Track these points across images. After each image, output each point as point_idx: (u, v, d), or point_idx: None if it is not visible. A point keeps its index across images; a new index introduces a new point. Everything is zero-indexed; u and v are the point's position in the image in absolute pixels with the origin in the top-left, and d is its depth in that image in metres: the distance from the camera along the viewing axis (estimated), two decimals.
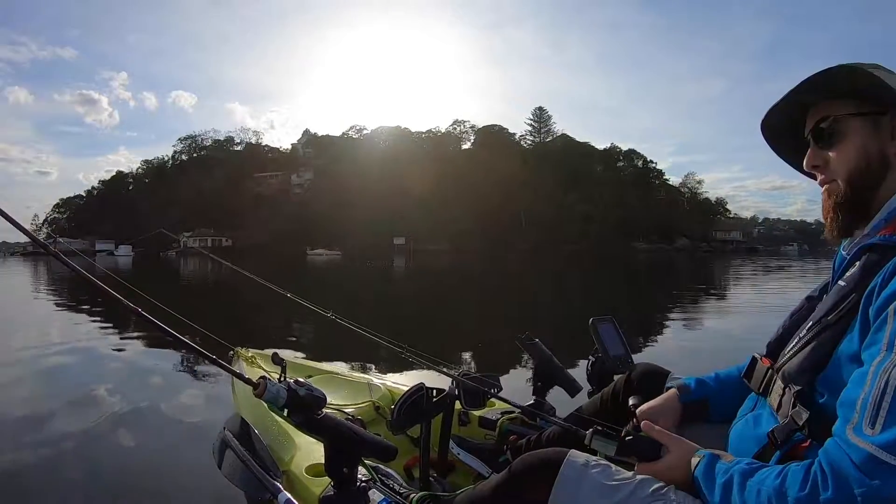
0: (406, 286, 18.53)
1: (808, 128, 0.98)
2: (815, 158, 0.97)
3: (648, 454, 1.02)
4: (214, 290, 17.09)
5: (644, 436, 1.05)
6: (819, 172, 0.98)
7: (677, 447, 1.00)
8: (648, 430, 1.05)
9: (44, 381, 4.29)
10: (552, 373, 1.98)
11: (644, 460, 1.02)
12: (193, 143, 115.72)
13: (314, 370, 2.53)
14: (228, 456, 1.49)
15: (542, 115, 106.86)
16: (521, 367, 4.50)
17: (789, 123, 1.03)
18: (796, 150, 1.05)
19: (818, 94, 0.96)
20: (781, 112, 1.02)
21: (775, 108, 1.01)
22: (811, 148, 0.98)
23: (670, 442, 1.01)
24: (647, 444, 1.03)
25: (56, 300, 12.10)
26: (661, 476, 0.97)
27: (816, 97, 0.96)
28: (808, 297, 1.08)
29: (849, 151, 0.92)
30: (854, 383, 0.76)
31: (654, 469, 0.99)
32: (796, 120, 1.01)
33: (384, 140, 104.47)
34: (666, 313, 9.32)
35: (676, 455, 0.99)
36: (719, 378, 1.25)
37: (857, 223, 0.94)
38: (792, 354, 0.94)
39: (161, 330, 1.24)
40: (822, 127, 0.95)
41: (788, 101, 0.99)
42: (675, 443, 1.01)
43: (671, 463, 0.98)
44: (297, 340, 6.67)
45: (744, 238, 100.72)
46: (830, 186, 0.95)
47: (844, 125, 0.92)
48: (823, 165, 0.96)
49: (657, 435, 1.03)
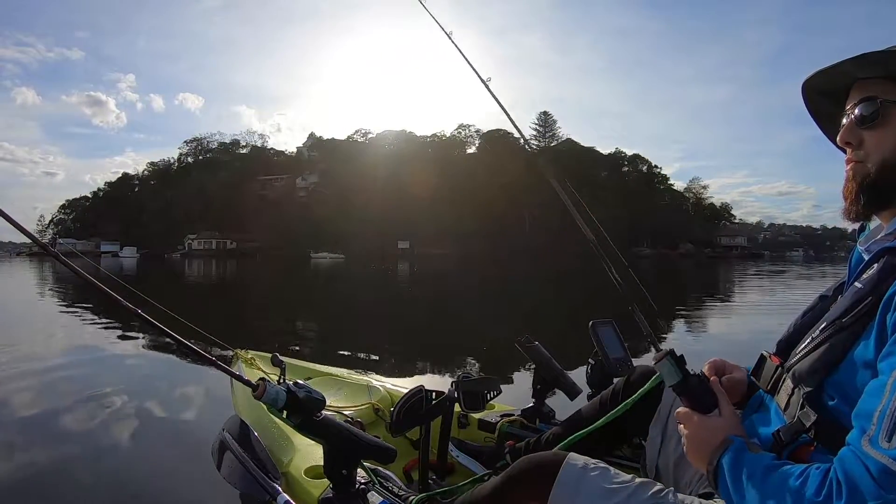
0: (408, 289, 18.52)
1: (850, 101, 0.95)
2: (850, 135, 0.93)
3: (704, 404, 0.97)
4: (216, 292, 17.14)
5: (710, 386, 1.00)
6: (850, 149, 0.95)
7: (731, 416, 0.96)
8: (714, 385, 1.00)
9: (44, 381, 4.30)
10: (552, 375, 1.97)
11: (695, 407, 0.98)
12: (199, 145, 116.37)
13: (314, 372, 2.53)
14: (227, 457, 1.50)
15: (546, 120, 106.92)
16: (520, 369, 4.49)
17: (832, 89, 1.00)
18: (831, 117, 1.02)
19: (870, 71, 0.92)
20: (827, 75, 0.98)
21: (822, 71, 0.98)
22: (848, 123, 0.94)
23: (726, 408, 0.97)
24: (710, 394, 0.98)
25: (59, 301, 12.15)
26: (699, 430, 0.94)
27: (867, 73, 0.93)
28: (821, 296, 1.06)
29: (887, 137, 0.89)
30: (871, 394, 0.75)
31: (698, 420, 0.95)
32: (839, 88, 0.98)
33: (389, 144, 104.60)
34: (668, 317, 9.30)
35: (726, 421, 0.95)
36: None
37: (877, 210, 0.92)
38: (803, 354, 0.92)
39: (161, 331, 1.25)
40: (864, 106, 0.91)
41: (839, 70, 0.95)
42: (729, 411, 0.97)
43: (718, 424, 0.94)
44: (297, 342, 6.68)
45: (749, 243, 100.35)
46: (857, 166, 0.93)
47: (888, 110, 0.89)
48: (857, 144, 0.93)
49: (719, 394, 0.99)
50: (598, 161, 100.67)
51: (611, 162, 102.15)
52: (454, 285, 20.37)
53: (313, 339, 7.28)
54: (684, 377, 0.99)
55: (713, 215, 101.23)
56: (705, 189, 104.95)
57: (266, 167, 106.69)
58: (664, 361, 1.00)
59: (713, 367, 1.17)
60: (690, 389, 0.99)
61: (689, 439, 0.96)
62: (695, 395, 0.98)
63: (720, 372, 1.16)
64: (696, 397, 0.98)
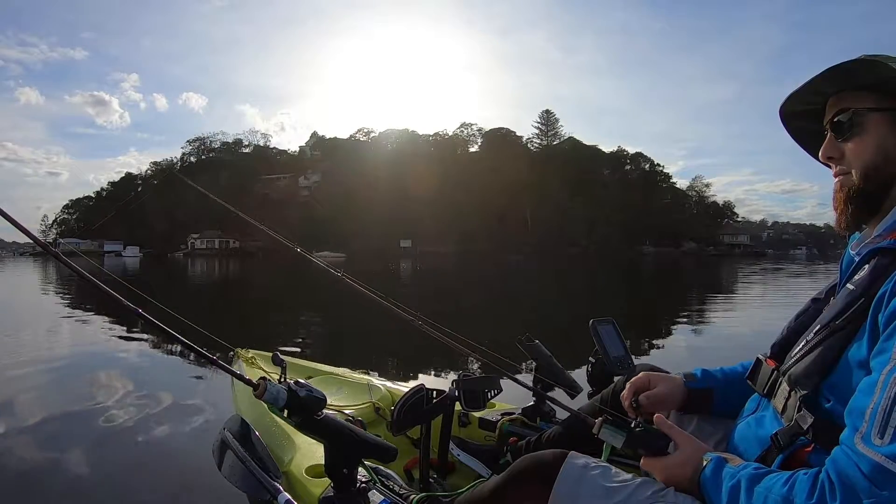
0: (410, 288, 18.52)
1: (827, 117, 0.97)
2: (831, 149, 0.95)
3: (657, 449, 0.99)
4: (218, 291, 17.17)
5: (654, 429, 1.02)
6: (834, 164, 0.96)
7: (687, 445, 0.98)
8: (660, 424, 1.02)
9: (44, 381, 4.32)
10: (552, 374, 1.97)
11: (652, 455, 0.99)
12: (202, 145, 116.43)
13: (314, 371, 2.54)
14: (228, 456, 1.49)
15: (549, 118, 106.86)
16: (521, 368, 4.49)
17: (808, 109, 1.02)
18: (814, 136, 1.03)
19: (839, 84, 0.94)
20: (800, 99, 1.00)
21: (795, 94, 1.00)
22: (828, 138, 0.96)
23: (680, 439, 0.99)
24: (657, 437, 1.00)
25: (60, 300, 12.19)
26: (667, 472, 0.95)
27: (837, 88, 0.95)
28: (813, 298, 1.07)
29: (866, 145, 0.90)
30: (863, 392, 0.75)
31: (661, 465, 0.97)
32: (816, 106, 1.00)
33: (392, 143, 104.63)
34: (669, 315, 9.29)
35: (685, 453, 0.96)
36: (724, 372, 1.25)
37: (867, 218, 0.93)
38: (799, 358, 0.93)
39: (161, 330, 1.25)
40: (840, 118, 0.93)
41: (808, 89, 0.97)
42: (685, 440, 0.99)
43: (679, 460, 0.96)
44: (297, 341, 6.69)
45: (752, 242, 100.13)
46: (843, 178, 0.94)
47: (863, 119, 0.90)
48: (839, 157, 0.95)
49: (668, 430, 1.00)
50: (601, 159, 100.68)
51: (613, 160, 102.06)
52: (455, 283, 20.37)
53: (313, 338, 7.29)
54: (627, 434, 1.01)
55: (716, 213, 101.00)
56: (708, 187, 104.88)
57: (269, 166, 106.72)
58: (603, 430, 1.03)
59: (633, 387, 1.23)
60: (638, 442, 1.01)
61: (665, 481, 0.96)
62: (647, 444, 1.00)
63: (641, 389, 1.22)
64: (648, 446, 1.00)
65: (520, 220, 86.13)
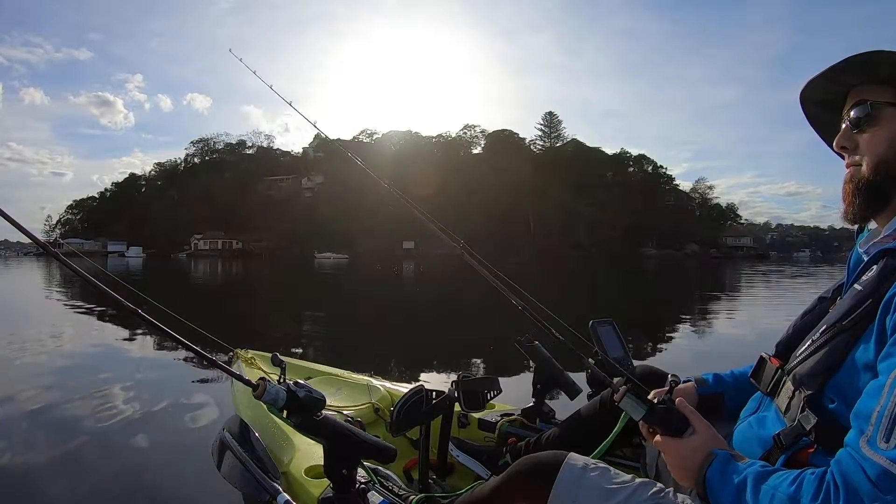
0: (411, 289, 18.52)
1: (846, 107, 0.97)
2: (846, 140, 0.96)
3: (676, 429, 0.97)
4: (220, 292, 17.19)
5: (677, 410, 0.99)
6: (847, 154, 0.96)
7: (705, 431, 0.96)
8: (682, 408, 1.00)
9: (44, 381, 4.32)
10: (552, 375, 1.97)
11: (668, 434, 0.97)
12: (206, 146, 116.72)
13: (314, 371, 2.54)
14: (228, 457, 1.50)
15: (552, 120, 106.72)
16: (521, 369, 4.49)
17: (826, 99, 1.02)
18: (826, 125, 1.04)
19: (861, 76, 0.94)
20: (821, 87, 1.00)
21: (816, 80, 1.00)
22: (844, 128, 0.96)
23: (700, 425, 0.97)
24: (679, 419, 0.98)
25: (62, 300, 12.20)
26: (679, 454, 0.94)
27: (859, 79, 0.95)
28: (820, 297, 1.06)
29: (880, 139, 0.90)
30: (869, 395, 0.75)
31: (675, 445, 0.95)
32: (834, 96, 1.00)
33: (395, 144, 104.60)
34: (670, 316, 9.27)
35: (701, 439, 0.94)
36: (735, 375, 1.25)
37: (874, 211, 0.93)
38: (804, 357, 0.92)
39: (161, 331, 1.25)
40: (857, 110, 0.93)
41: (830, 77, 0.97)
42: (704, 428, 0.97)
43: (695, 444, 0.93)
44: (297, 341, 6.69)
45: (755, 244, 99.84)
46: (854, 170, 0.94)
47: (880, 112, 0.90)
48: (852, 148, 0.95)
49: (689, 414, 0.98)
50: (604, 161, 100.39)
51: (616, 162, 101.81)
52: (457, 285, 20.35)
53: (313, 338, 7.30)
54: (650, 408, 1.00)
55: (719, 216, 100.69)
56: (711, 189, 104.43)
57: (272, 167, 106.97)
58: (625, 399, 1.01)
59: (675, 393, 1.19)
60: (659, 418, 0.99)
61: (673, 464, 0.96)
62: (665, 422, 0.98)
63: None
64: (667, 424, 0.98)
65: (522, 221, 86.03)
